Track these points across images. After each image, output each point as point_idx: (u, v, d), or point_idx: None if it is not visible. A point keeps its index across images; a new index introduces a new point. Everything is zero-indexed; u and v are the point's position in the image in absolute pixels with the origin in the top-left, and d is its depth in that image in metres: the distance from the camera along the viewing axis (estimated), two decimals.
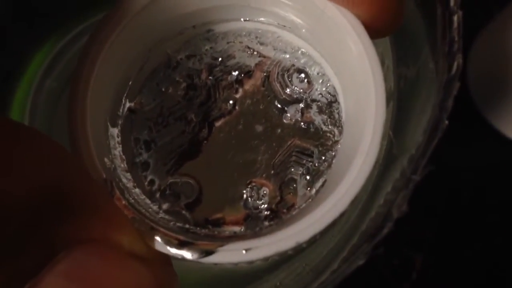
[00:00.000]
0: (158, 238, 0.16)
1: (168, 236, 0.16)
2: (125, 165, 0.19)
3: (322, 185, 0.19)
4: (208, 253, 0.16)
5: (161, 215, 0.18)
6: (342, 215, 0.16)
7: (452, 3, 0.17)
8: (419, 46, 0.19)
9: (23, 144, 0.14)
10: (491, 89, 0.39)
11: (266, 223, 0.19)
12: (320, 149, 0.19)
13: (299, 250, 0.20)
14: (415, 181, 0.16)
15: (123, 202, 0.17)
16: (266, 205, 0.19)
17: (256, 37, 0.21)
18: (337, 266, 0.19)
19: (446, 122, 0.16)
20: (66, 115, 0.17)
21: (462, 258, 0.38)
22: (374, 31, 0.17)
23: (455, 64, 0.17)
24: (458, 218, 0.38)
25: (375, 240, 0.16)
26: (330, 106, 0.20)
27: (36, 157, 0.14)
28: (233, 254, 0.16)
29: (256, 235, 0.17)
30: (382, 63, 0.17)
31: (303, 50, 0.20)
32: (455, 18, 0.17)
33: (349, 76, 0.18)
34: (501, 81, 0.38)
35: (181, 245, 0.16)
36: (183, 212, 0.19)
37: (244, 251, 0.16)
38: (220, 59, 0.21)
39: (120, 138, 0.19)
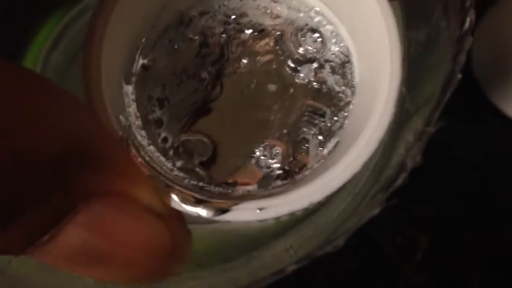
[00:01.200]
0: (173, 196, 0.17)
1: (183, 194, 0.17)
2: (140, 122, 0.19)
3: (335, 146, 0.19)
4: (223, 211, 0.16)
5: (176, 172, 0.19)
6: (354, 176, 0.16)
7: None
8: (431, 6, 0.19)
9: (47, 97, 0.14)
10: (497, 73, 0.39)
11: (279, 182, 0.19)
12: (333, 109, 0.20)
13: (308, 213, 0.20)
14: (429, 133, 0.16)
15: (139, 159, 0.17)
16: (278, 165, 0.19)
17: None
18: (350, 226, 0.19)
19: (459, 75, 0.16)
20: (81, 73, 0.17)
21: (467, 238, 0.38)
22: None
23: (468, 19, 0.17)
24: (464, 198, 0.38)
25: (389, 190, 0.16)
26: (343, 66, 0.20)
27: (61, 110, 0.14)
28: (247, 213, 0.16)
29: (269, 194, 0.17)
30: None
31: (317, 9, 0.20)
32: None
33: (364, 37, 0.18)
34: (506, 63, 0.38)
35: (196, 202, 0.17)
36: (197, 169, 0.19)
37: (258, 210, 0.16)
38: (233, 16, 0.20)
39: (134, 96, 0.19)
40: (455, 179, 0.39)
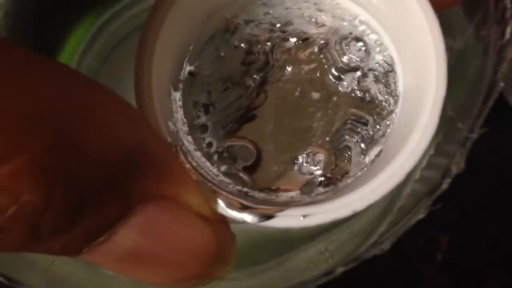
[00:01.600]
0: (220, 201, 0.17)
1: (229, 199, 0.17)
2: (187, 128, 0.19)
3: (378, 155, 0.19)
4: (268, 217, 0.17)
5: (221, 177, 0.19)
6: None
7: None
8: (469, 15, 0.19)
9: (113, 105, 0.15)
10: None
11: (321, 189, 0.19)
12: (375, 118, 0.20)
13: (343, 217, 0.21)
14: (473, 140, 0.16)
15: (187, 165, 0.17)
16: (321, 171, 0.19)
17: (315, 4, 0.21)
18: (385, 230, 0.19)
19: (502, 84, 0.16)
20: (133, 81, 0.18)
21: (487, 239, 0.38)
22: (438, 2, 0.17)
23: (508, 29, 0.17)
24: (484, 199, 0.39)
25: (434, 195, 0.16)
26: (386, 75, 0.20)
27: (122, 116, 0.15)
28: (291, 219, 0.17)
29: (313, 201, 0.18)
30: None
31: (362, 18, 0.20)
32: None
33: (408, 46, 0.18)
34: None
35: (242, 208, 0.17)
36: (241, 174, 0.20)
37: (302, 217, 0.16)
38: (278, 25, 0.21)
39: (181, 102, 0.20)
40: (473, 180, 0.39)
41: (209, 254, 0.16)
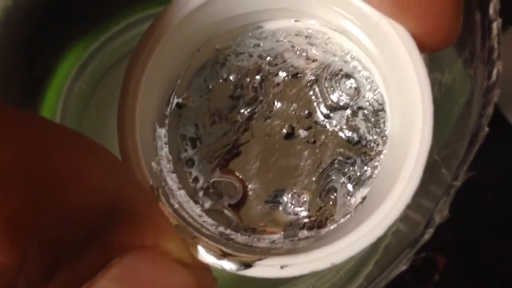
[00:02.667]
0: (200, 248, 0.17)
1: (209, 246, 0.17)
2: (171, 165, 0.19)
3: (362, 202, 0.19)
4: (246, 266, 0.16)
5: (204, 218, 0.19)
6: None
7: (491, 10, 0.17)
8: (455, 53, 0.19)
9: (88, 155, 0.15)
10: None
11: (305, 231, 0.19)
12: (363, 158, 0.19)
13: None
14: (457, 187, 0.16)
15: (169, 209, 0.17)
16: (305, 213, 0.19)
17: (306, 37, 0.20)
18: (372, 269, 0.19)
19: (487, 129, 0.16)
20: (116, 122, 0.17)
21: (485, 259, 0.38)
22: (427, 46, 0.17)
23: (495, 71, 0.17)
24: (481, 219, 0.38)
25: (417, 245, 0.16)
26: (376, 114, 0.19)
27: (100, 168, 0.15)
28: (269, 270, 0.16)
29: (292, 251, 0.17)
30: None
31: (353, 54, 0.20)
32: (495, 25, 0.17)
33: (397, 90, 0.18)
34: None
35: (221, 256, 0.17)
36: (226, 212, 0.19)
37: (280, 267, 0.16)
38: (268, 58, 0.20)
39: (167, 138, 0.19)
40: (470, 199, 0.39)
41: None
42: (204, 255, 0.17)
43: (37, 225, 0.13)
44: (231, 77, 0.20)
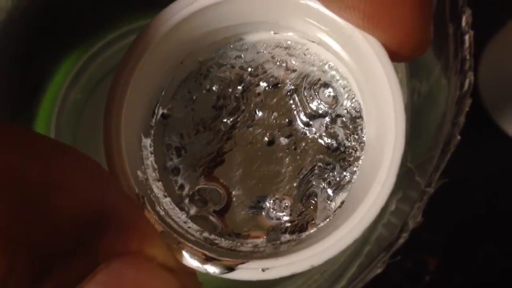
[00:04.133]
0: (184, 253, 0.17)
1: (193, 251, 0.17)
2: (157, 174, 0.20)
3: (340, 206, 0.19)
4: (229, 269, 0.17)
5: (189, 224, 0.19)
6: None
7: (463, 23, 0.18)
8: (432, 63, 0.20)
9: (74, 166, 0.16)
10: (502, 93, 0.40)
11: (287, 235, 0.20)
12: (342, 164, 0.20)
13: None
14: (430, 194, 0.17)
15: (154, 216, 0.18)
16: (287, 217, 0.20)
17: (286, 48, 0.21)
18: (355, 271, 0.19)
19: (458, 137, 0.17)
20: (102, 131, 0.18)
21: (475, 260, 0.38)
22: (399, 56, 0.18)
23: (467, 81, 0.17)
24: (471, 221, 0.39)
25: (392, 249, 0.17)
26: (354, 121, 0.20)
27: (85, 177, 0.16)
28: (251, 272, 0.17)
29: (274, 254, 0.18)
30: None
31: (331, 64, 0.21)
32: (467, 37, 0.18)
33: (371, 99, 0.19)
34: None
35: (205, 260, 0.17)
36: (211, 218, 0.20)
37: (261, 270, 0.17)
38: (249, 69, 0.21)
39: (152, 148, 0.20)
40: (460, 201, 0.39)
41: None
42: (189, 260, 0.17)
43: (25, 233, 0.14)
44: (214, 88, 0.21)
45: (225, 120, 0.21)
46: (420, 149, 0.19)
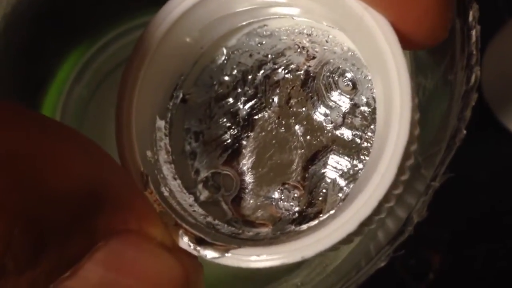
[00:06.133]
0: (180, 233, 0.17)
1: (187, 233, 0.17)
2: (169, 157, 0.20)
3: (343, 199, 0.19)
4: (220, 254, 0.17)
5: (195, 208, 0.19)
6: (351, 234, 0.16)
7: (470, 18, 0.18)
8: (438, 58, 0.20)
9: (71, 143, 0.16)
10: (505, 92, 0.40)
11: (292, 226, 0.19)
12: (357, 156, 0.19)
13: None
14: (435, 188, 0.17)
15: (155, 196, 0.18)
16: (296, 208, 0.20)
17: (308, 35, 0.20)
18: (358, 264, 0.19)
19: (464, 132, 0.17)
20: (115, 107, 0.18)
21: (479, 257, 0.38)
22: (412, 42, 0.17)
23: (473, 76, 0.17)
24: (475, 219, 0.39)
25: (396, 243, 0.17)
26: (373, 112, 0.19)
27: (82, 154, 0.16)
28: (241, 259, 0.17)
29: (267, 243, 0.18)
30: None
31: (352, 52, 0.20)
32: (473, 32, 0.18)
33: (380, 85, 0.18)
34: None
35: (198, 243, 0.17)
36: (223, 204, 0.20)
37: (251, 258, 0.17)
38: (270, 56, 0.21)
39: (167, 130, 0.20)
40: (464, 199, 0.39)
41: (176, 284, 0.16)
42: (184, 242, 0.17)
43: (20, 204, 0.14)
44: (234, 74, 0.21)
45: (242, 106, 0.21)
46: (426, 143, 0.18)
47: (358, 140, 0.20)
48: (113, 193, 0.16)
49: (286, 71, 0.21)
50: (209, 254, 0.17)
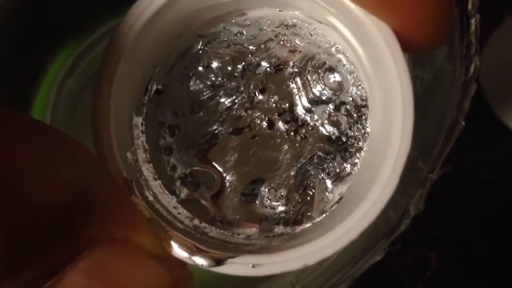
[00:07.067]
0: (172, 243, 0.17)
1: (182, 240, 0.17)
2: (147, 155, 0.19)
3: (338, 201, 0.19)
4: (218, 262, 0.16)
5: (179, 210, 0.18)
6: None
7: (469, 6, 0.17)
8: (437, 49, 0.19)
9: (54, 147, 0.15)
10: (504, 88, 0.40)
11: (281, 227, 0.19)
12: (343, 154, 0.19)
13: None
14: (432, 180, 0.16)
15: (142, 202, 0.17)
16: (282, 208, 0.19)
17: (291, 27, 0.20)
18: (354, 258, 0.19)
19: (463, 123, 0.16)
20: (89, 112, 0.17)
21: (476, 256, 0.38)
22: (413, 46, 0.17)
23: (472, 66, 0.17)
24: (472, 216, 0.38)
25: (392, 236, 0.16)
26: (359, 110, 0.19)
27: (66, 160, 0.15)
28: (241, 268, 0.16)
29: (265, 249, 0.17)
30: None
31: (338, 47, 0.19)
32: (473, 21, 0.17)
33: (378, 88, 0.18)
34: None
35: (194, 251, 0.17)
36: (203, 202, 0.19)
37: (252, 266, 0.16)
38: (251, 47, 0.20)
39: (144, 127, 0.19)
40: (462, 196, 0.39)
41: None
42: (177, 250, 0.16)
43: (0, 213, 0.13)
44: (212, 65, 0.20)
45: (222, 100, 0.20)
46: (423, 136, 0.18)
47: (344, 139, 0.19)
48: (99, 200, 0.15)
49: (269, 64, 0.20)
50: (206, 263, 0.16)
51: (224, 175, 0.19)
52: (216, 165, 0.19)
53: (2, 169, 0.13)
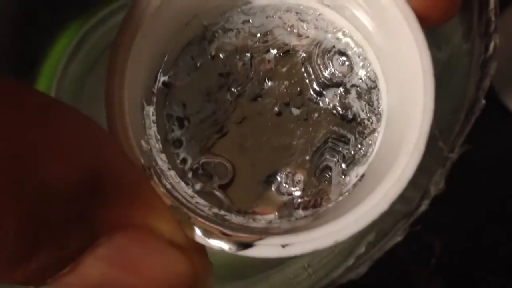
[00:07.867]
0: (196, 229, 0.16)
1: (206, 226, 0.16)
2: (160, 145, 0.19)
3: (360, 179, 0.18)
4: (246, 246, 0.16)
5: (197, 199, 0.18)
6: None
7: None
8: (452, 29, 0.19)
9: (69, 125, 0.14)
10: (510, 75, 0.40)
11: (301, 211, 0.18)
12: (357, 136, 0.19)
13: None
14: (453, 159, 0.16)
15: (161, 189, 0.16)
16: (300, 192, 0.19)
17: (297, 13, 0.20)
18: (374, 239, 0.19)
19: (483, 101, 0.16)
20: (103, 93, 0.17)
21: (482, 244, 0.38)
22: (427, 21, 0.16)
23: (492, 44, 0.17)
24: (478, 205, 0.38)
25: (413, 217, 0.16)
26: (369, 92, 0.19)
27: (83, 141, 0.14)
28: (270, 249, 0.16)
29: (293, 229, 0.17)
30: None
31: (345, 30, 0.19)
32: None
33: (393, 63, 0.17)
34: None
35: (220, 236, 0.16)
36: (217, 193, 0.19)
37: (281, 247, 0.16)
38: (258, 35, 0.20)
39: (155, 117, 0.19)
40: (468, 184, 0.39)
41: (184, 284, 0.15)
42: (201, 236, 0.16)
43: (10, 197, 0.12)
44: (219, 54, 0.20)
45: (232, 89, 0.20)
46: (441, 115, 0.18)
47: (357, 120, 0.19)
48: (118, 181, 0.14)
49: (277, 50, 0.20)
50: (234, 247, 0.16)
51: (237, 164, 0.19)
52: (228, 155, 0.19)
53: (15, 147, 0.13)
